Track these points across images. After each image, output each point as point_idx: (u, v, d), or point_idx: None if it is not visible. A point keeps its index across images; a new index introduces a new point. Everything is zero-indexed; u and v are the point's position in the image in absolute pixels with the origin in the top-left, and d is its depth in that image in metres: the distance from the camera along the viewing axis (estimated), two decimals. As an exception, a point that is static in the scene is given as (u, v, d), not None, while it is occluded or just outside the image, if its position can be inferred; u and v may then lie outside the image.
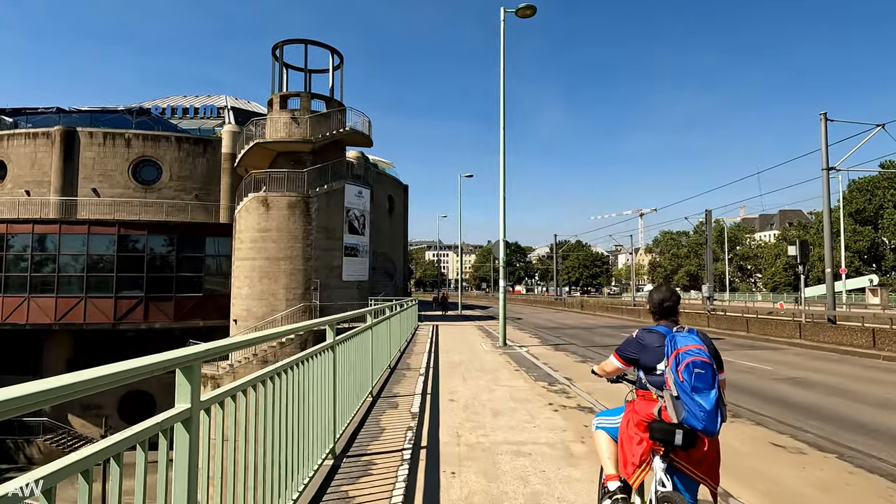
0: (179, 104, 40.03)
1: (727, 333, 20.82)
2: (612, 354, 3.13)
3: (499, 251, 15.66)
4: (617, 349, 3.08)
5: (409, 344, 15.69)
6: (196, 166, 30.96)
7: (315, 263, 24.67)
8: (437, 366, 11.20)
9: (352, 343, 5.91)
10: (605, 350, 16.18)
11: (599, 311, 39.51)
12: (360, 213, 26.93)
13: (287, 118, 26.16)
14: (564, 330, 25.05)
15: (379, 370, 8.52)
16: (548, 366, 11.54)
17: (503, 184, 15.74)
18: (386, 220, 38.80)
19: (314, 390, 4.15)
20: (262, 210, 24.51)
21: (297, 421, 3.64)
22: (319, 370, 4.37)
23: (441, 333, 19.38)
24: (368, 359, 7.32)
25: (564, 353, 14.24)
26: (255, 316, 24.11)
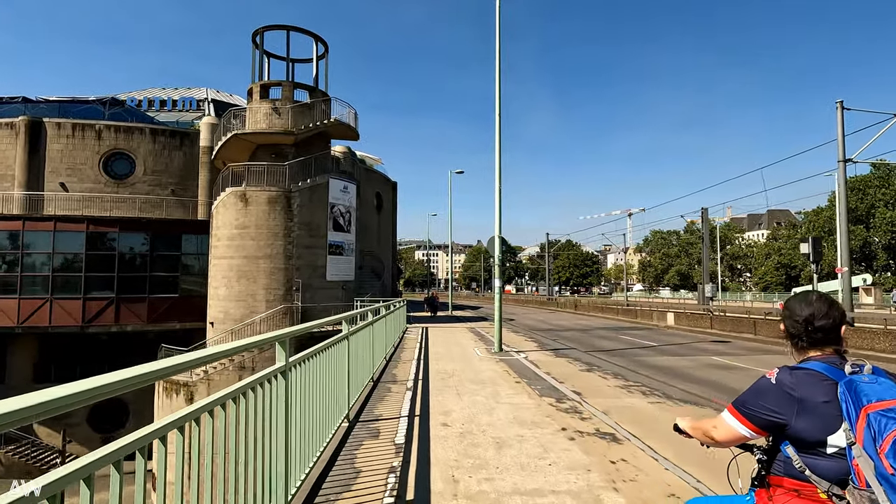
0: (157, 96, 38.31)
1: (733, 336, 19.77)
2: (727, 410, 1.84)
3: (494, 248, 14.39)
4: (741, 403, 1.78)
5: (397, 349, 14.37)
6: (172, 160, 29.38)
7: (297, 262, 23.23)
8: (427, 377, 9.90)
9: (319, 361, 4.61)
10: (610, 356, 15.01)
11: (593, 312, 38.45)
12: (346, 209, 25.53)
13: (268, 108, 24.68)
14: (560, 332, 23.87)
15: (358, 387, 7.20)
16: (550, 376, 10.29)
17: (499, 173, 14.49)
18: (374, 217, 37.42)
19: (256, 430, 2.88)
20: (241, 205, 23.02)
21: (227, 472, 2.40)
22: (262, 405, 3.08)
23: (431, 337, 18.08)
24: (343, 375, 6.01)
25: (566, 359, 13.02)
26: (233, 318, 22.62)
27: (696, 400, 8.29)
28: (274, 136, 24.23)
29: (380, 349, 10.56)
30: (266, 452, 3.06)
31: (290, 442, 3.59)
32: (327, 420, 5.08)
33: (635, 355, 15.41)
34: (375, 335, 9.69)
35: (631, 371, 11.65)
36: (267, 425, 3.11)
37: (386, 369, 10.74)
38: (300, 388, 3.91)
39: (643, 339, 20.13)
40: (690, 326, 23.32)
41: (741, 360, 14.36)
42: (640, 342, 19.25)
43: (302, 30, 26.09)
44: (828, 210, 67.22)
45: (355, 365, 6.88)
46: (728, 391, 9.77)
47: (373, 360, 9.07)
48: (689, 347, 17.35)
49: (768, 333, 18.40)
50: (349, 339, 6.31)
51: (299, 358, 3.89)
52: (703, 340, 19.32)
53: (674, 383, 10.42)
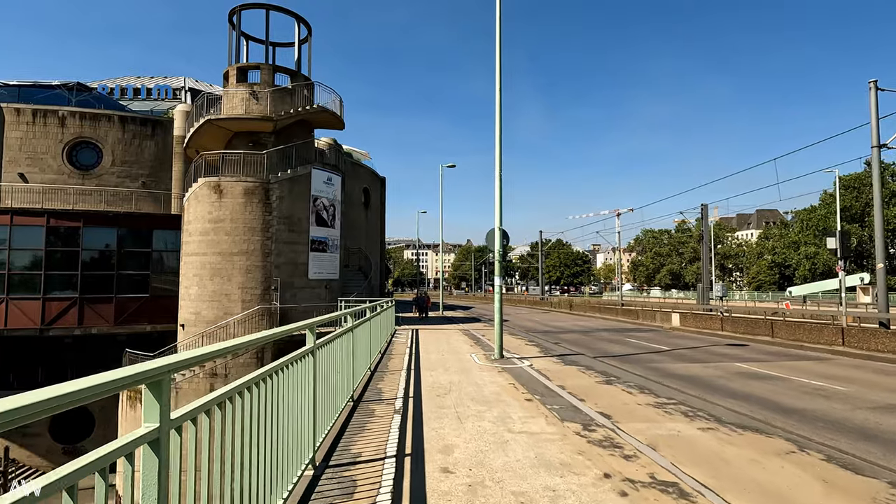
0: (130, 84, 36.14)
1: (749, 339, 18.33)
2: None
3: (494, 242, 12.74)
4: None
5: (384, 356, 12.68)
6: (143, 150, 27.34)
7: (276, 259, 21.41)
8: (420, 393, 8.22)
9: (274, 386, 2.97)
10: (623, 362, 13.45)
11: (590, 312, 36.99)
12: (330, 202, 23.74)
13: (245, 93, 22.80)
14: (561, 335, 22.32)
15: (329, 416, 5.49)
16: (566, 390, 8.67)
17: (499, 158, 12.84)
18: (361, 213, 35.64)
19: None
20: (214, 197, 21.13)
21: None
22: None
23: (422, 342, 16.41)
24: (307, 405, 4.33)
25: (577, 368, 11.41)
26: (206, 320, 20.74)
27: (754, 424, 6.71)
28: (251, 123, 22.37)
29: (363, 359, 8.86)
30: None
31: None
32: (280, 471, 3.41)
33: (650, 362, 13.86)
34: (358, 343, 8.01)
35: (655, 382, 10.06)
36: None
37: (370, 383, 9.05)
38: (236, 437, 2.30)
39: (652, 343, 18.63)
40: (698, 328, 21.87)
41: (770, 367, 12.86)
42: (649, 346, 17.74)
43: (283, 9, 24.24)
44: (822, 209, 66.63)
45: (326, 388, 5.20)
46: (782, 410, 8.22)
47: (353, 374, 7.38)
48: (706, 352, 15.85)
49: (787, 336, 16.96)
50: (316, 353, 4.64)
51: (237, 387, 2.26)
52: (716, 344, 17.85)
53: (713, 399, 8.85)
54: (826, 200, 66.88)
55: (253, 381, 2.94)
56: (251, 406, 2.87)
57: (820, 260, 61.15)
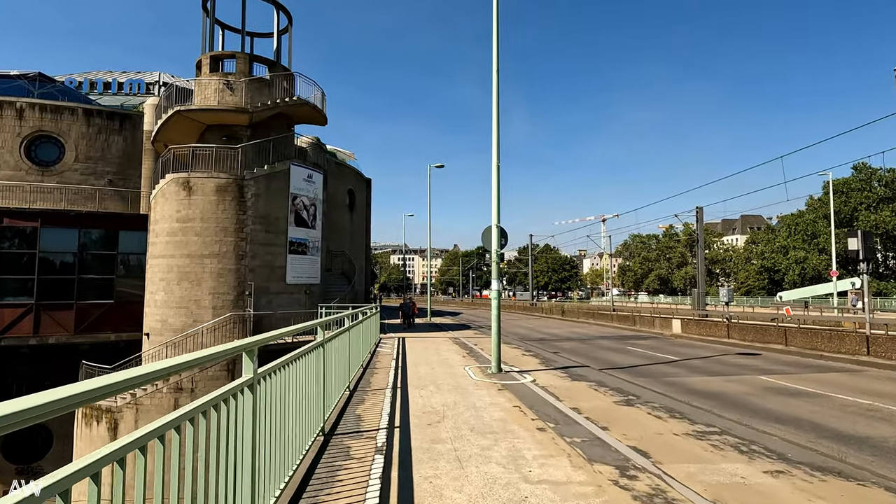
0: (100, 78, 34.18)
1: (760, 347, 17.14)
2: None
3: (491, 241, 11.32)
4: None
5: (367, 370, 11.17)
6: (110, 146, 25.50)
7: (251, 262, 19.76)
8: (408, 422, 6.74)
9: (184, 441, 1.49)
10: (634, 375, 12.09)
11: (583, 318, 35.74)
12: (311, 201, 22.15)
13: (219, 83, 21.19)
14: (557, 343, 20.96)
15: (284, 469, 3.96)
16: (582, 415, 7.26)
17: (496, 146, 11.45)
18: (345, 215, 34.01)
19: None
20: (183, 195, 19.45)
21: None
22: None
23: (410, 353, 14.91)
24: (242, 460, 2.85)
25: (587, 384, 10.01)
26: (172, 328, 18.99)
27: (830, 464, 5.35)
28: (225, 115, 20.75)
29: (338, 378, 7.36)
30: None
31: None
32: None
33: (664, 375, 12.52)
34: (333, 360, 6.52)
35: (681, 402, 8.69)
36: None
37: (348, 406, 7.54)
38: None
39: (657, 352, 17.33)
40: (702, 335, 20.67)
41: (798, 380, 11.59)
42: (655, 355, 16.43)
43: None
44: (809, 213, 66.51)
45: (278, 430, 3.71)
46: (844, 439, 6.90)
47: (324, 400, 5.87)
48: (720, 363, 14.58)
49: (803, 344, 15.79)
50: (259, 387, 3.19)
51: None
52: (726, 353, 16.61)
53: (757, 424, 7.51)
54: (813, 205, 66.82)
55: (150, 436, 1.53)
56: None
57: (809, 265, 60.86)
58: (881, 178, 60.81)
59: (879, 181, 60.84)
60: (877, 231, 57.78)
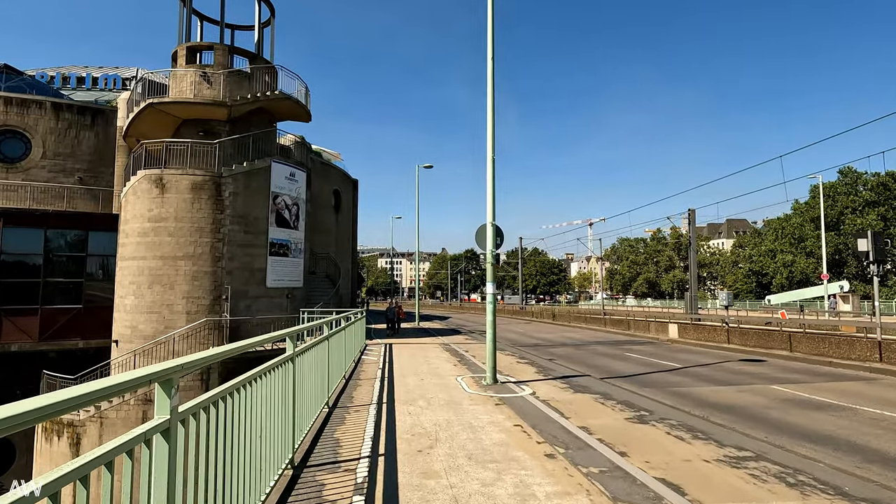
0: (73, 73, 32.75)
1: (763, 353, 16.44)
2: None
3: (486, 240, 10.40)
4: None
5: (350, 382, 10.17)
6: (81, 142, 24.23)
7: (229, 264, 18.63)
8: (395, 448, 5.77)
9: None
10: (639, 386, 11.25)
11: (575, 322, 34.98)
12: (293, 200, 21.08)
13: (196, 76, 20.07)
14: (551, 349, 20.11)
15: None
16: (593, 435, 6.36)
17: (492, 134, 10.56)
18: (331, 217, 32.93)
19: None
20: (156, 192, 18.28)
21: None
22: None
23: (397, 361, 13.93)
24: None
25: (591, 396, 9.13)
26: (143, 335, 17.78)
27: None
28: (202, 109, 19.63)
29: (315, 397, 6.37)
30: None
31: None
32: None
33: (670, 384, 11.68)
34: (307, 377, 5.56)
35: (699, 418, 7.84)
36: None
37: (325, 428, 6.54)
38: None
39: (656, 358, 16.54)
40: (700, 340, 19.96)
41: (814, 390, 10.82)
42: (656, 362, 15.63)
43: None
44: (796, 217, 66.70)
45: (224, 482, 2.74)
46: (893, 462, 6.05)
47: (295, 426, 4.89)
48: (725, 370, 13.81)
49: (809, 350, 15.10)
50: (175, 432, 2.23)
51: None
52: (729, 359, 15.87)
53: (792, 446, 6.67)
54: (800, 209, 67.06)
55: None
56: None
57: (797, 268, 60.99)
58: (866, 183, 61.26)
59: (865, 185, 61.28)
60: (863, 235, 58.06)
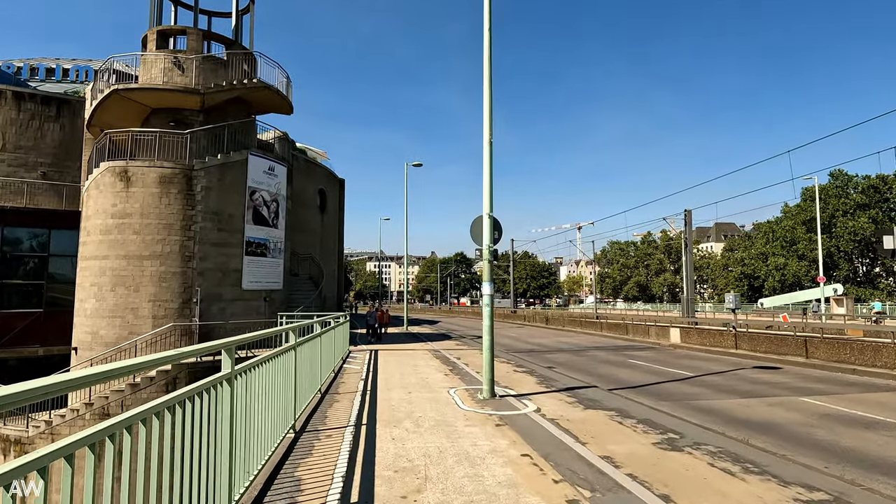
0: (43, 64, 31.04)
1: (776, 359, 15.35)
2: None
3: (482, 233, 9.14)
4: None
5: (326, 397, 8.83)
6: (45, 135, 22.60)
7: (200, 265, 17.16)
8: (371, 493, 4.45)
9: None
10: (655, 399, 10.03)
11: (569, 326, 33.83)
12: (272, 196, 19.67)
13: (167, 61, 18.62)
14: (549, 355, 18.89)
15: None
16: (620, 468, 5.11)
17: (489, 115, 9.32)
18: (316, 217, 31.51)
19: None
20: (120, 186, 16.78)
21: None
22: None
23: (383, 371, 12.60)
24: None
25: (605, 414, 7.89)
26: (104, 342, 16.23)
27: None
28: (173, 96, 18.17)
29: (272, 426, 5.02)
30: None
31: None
32: None
33: (689, 397, 10.48)
34: (256, 407, 4.24)
35: (737, 441, 6.61)
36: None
37: (285, 464, 5.20)
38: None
39: (662, 365, 15.38)
40: (705, 345, 18.85)
41: (852, 403, 9.68)
42: (663, 369, 14.46)
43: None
44: (787, 219, 66.38)
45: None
46: None
47: (231, 474, 3.55)
48: (742, 379, 12.66)
49: (828, 357, 14.03)
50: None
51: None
52: (741, 366, 14.75)
53: (867, 480, 5.46)
54: (791, 212, 66.77)
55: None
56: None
57: (789, 271, 60.56)
58: (857, 185, 61.15)
59: (855, 188, 61.16)
60: (855, 237, 57.84)
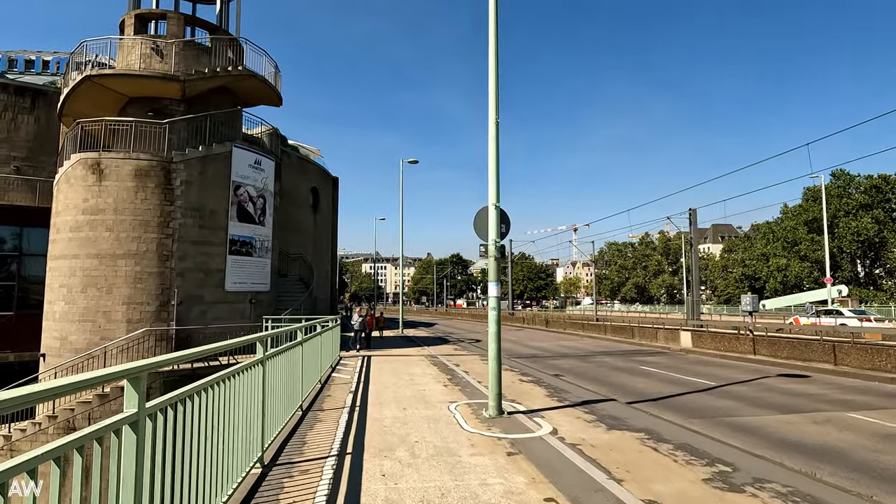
0: (22, 56, 29.69)
1: (801, 366, 14.24)
2: None
3: (487, 225, 7.97)
4: None
5: (307, 416, 7.63)
6: (19, 127, 21.34)
7: (179, 264, 15.92)
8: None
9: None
10: (683, 416, 8.88)
11: (570, 329, 32.68)
12: (258, 192, 18.45)
13: (145, 47, 17.39)
14: (553, 360, 17.73)
15: None
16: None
17: (494, 89, 8.16)
18: (308, 216, 30.30)
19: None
20: (92, 180, 15.53)
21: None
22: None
23: (375, 382, 11.41)
24: None
25: (632, 435, 6.74)
26: (74, 348, 14.96)
27: None
28: (151, 84, 16.92)
29: (233, 459, 3.82)
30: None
31: None
32: None
33: (720, 412, 9.32)
34: (201, 440, 3.04)
35: (804, 476, 5.46)
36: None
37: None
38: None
39: (678, 373, 14.24)
40: (719, 350, 17.75)
41: (887, 415, 8.55)
42: (681, 378, 13.32)
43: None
44: (789, 220, 65.53)
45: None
46: None
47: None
48: (771, 389, 11.52)
49: (860, 364, 12.94)
50: None
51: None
52: (766, 374, 13.62)
53: None
54: (792, 212, 65.94)
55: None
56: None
57: (791, 273, 59.66)
58: (859, 185, 60.37)
59: (857, 188, 60.38)
60: (858, 238, 57.00)
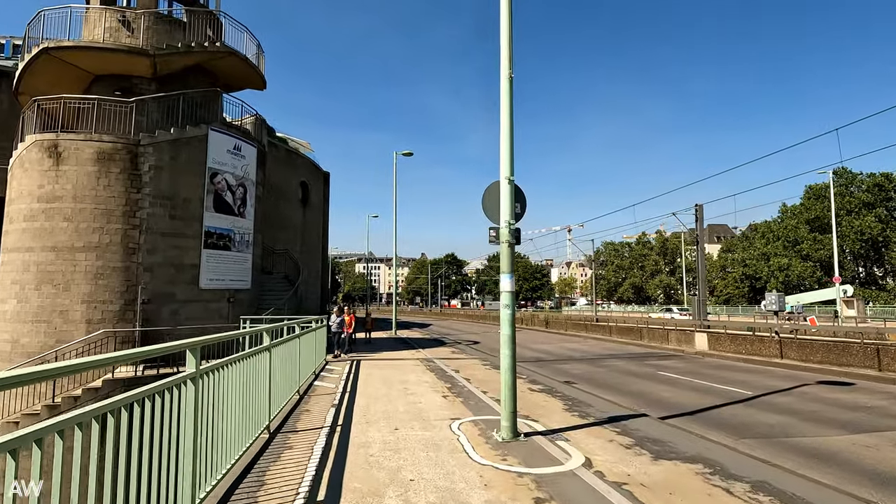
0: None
1: (840, 371, 12.85)
2: None
3: (499, 205, 6.48)
4: None
5: (275, 440, 6.09)
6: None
7: (147, 259, 14.31)
8: None
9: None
10: (729, 433, 7.41)
11: (572, 330, 31.23)
12: (238, 180, 16.86)
13: (113, 20, 15.78)
14: (561, 365, 16.30)
15: None
16: None
17: (508, 40, 6.67)
18: (297, 211, 28.72)
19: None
20: (49, 164, 13.90)
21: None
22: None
23: (363, 392, 9.88)
24: None
25: (689, 469, 5.29)
26: (26, 352, 13.32)
27: None
28: (118, 59, 15.30)
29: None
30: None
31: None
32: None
33: (774, 431, 7.85)
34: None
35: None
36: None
37: None
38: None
39: (701, 379, 12.81)
40: (741, 354, 16.34)
41: None
42: (708, 385, 11.87)
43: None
44: (790, 219, 64.55)
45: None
46: None
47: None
48: (818, 400, 10.09)
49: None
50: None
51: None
52: (804, 381, 12.20)
53: None
54: (792, 211, 64.98)
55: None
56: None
57: (794, 272, 58.55)
58: (861, 183, 59.41)
59: (859, 186, 59.43)
60: (862, 237, 55.99)
